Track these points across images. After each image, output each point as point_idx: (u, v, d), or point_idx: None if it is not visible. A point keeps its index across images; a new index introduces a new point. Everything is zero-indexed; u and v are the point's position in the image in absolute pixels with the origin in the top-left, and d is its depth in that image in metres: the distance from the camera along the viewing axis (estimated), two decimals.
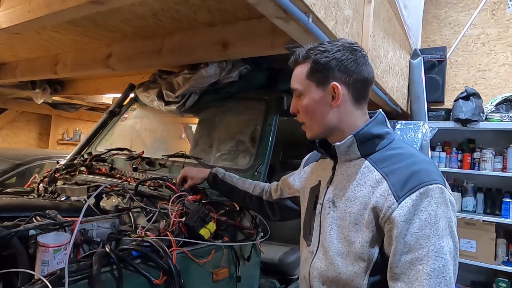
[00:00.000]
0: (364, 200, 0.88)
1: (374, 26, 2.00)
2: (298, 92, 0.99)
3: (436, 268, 0.76)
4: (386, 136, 0.95)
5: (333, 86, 0.93)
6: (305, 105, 0.97)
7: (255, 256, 1.52)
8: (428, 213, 0.79)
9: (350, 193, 0.92)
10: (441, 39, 4.02)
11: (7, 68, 3.18)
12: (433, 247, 0.77)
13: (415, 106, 3.29)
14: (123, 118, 2.42)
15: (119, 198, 1.56)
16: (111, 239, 1.14)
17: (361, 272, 0.87)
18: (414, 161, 0.88)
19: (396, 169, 0.87)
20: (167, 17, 1.78)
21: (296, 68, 1.00)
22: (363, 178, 0.91)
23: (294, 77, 1.00)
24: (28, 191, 1.97)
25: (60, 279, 0.85)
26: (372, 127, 0.94)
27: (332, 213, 0.95)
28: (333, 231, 0.93)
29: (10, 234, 0.95)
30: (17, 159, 3.15)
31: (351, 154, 0.95)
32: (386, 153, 0.93)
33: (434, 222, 0.78)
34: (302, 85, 0.97)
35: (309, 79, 0.96)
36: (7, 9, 1.63)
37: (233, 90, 2.00)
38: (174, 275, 1.02)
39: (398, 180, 0.84)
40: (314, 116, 0.97)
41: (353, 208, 0.90)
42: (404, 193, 0.81)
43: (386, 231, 0.83)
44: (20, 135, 5.66)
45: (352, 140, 0.93)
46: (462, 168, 3.40)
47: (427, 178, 0.82)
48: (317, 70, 0.95)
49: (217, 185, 1.46)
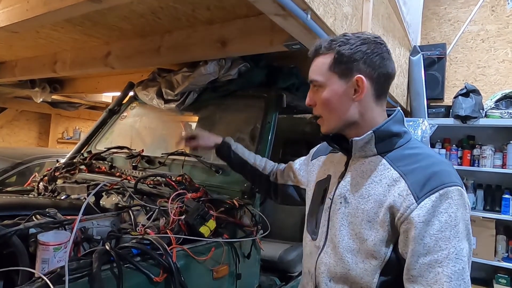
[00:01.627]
0: (379, 198, 0.87)
1: (373, 23, 2.00)
2: (318, 84, 0.95)
3: (456, 270, 0.76)
4: (403, 135, 0.94)
5: (357, 78, 0.91)
6: (325, 98, 0.94)
7: (255, 254, 1.52)
8: (449, 215, 0.78)
9: (364, 190, 0.90)
10: (441, 35, 4.01)
11: (6, 67, 3.18)
12: (454, 249, 0.77)
13: (414, 103, 3.29)
14: (122, 117, 2.42)
15: (119, 196, 1.56)
16: (111, 237, 1.15)
17: (371, 270, 0.86)
18: (433, 161, 0.86)
19: (415, 169, 0.85)
20: (166, 15, 1.77)
21: (316, 59, 0.96)
22: (378, 176, 0.89)
23: (315, 68, 0.96)
24: (28, 190, 1.97)
25: (61, 277, 0.85)
26: (391, 124, 0.93)
27: (343, 209, 0.93)
28: (343, 227, 0.92)
29: (10, 233, 0.95)
30: (17, 158, 3.15)
31: (367, 150, 0.93)
32: (403, 152, 0.91)
33: (454, 224, 0.78)
34: (324, 76, 0.94)
35: (332, 71, 0.93)
36: (5, 7, 1.62)
37: (232, 87, 2.00)
38: (174, 273, 1.02)
39: (417, 180, 0.82)
40: (333, 110, 0.94)
41: (367, 205, 0.88)
42: (423, 193, 0.80)
43: (403, 232, 0.82)
44: (20, 134, 5.66)
45: (371, 136, 0.91)
46: (462, 165, 3.41)
47: (447, 179, 0.81)
48: (341, 61, 0.92)
49: (229, 155, 1.39)
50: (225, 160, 1.43)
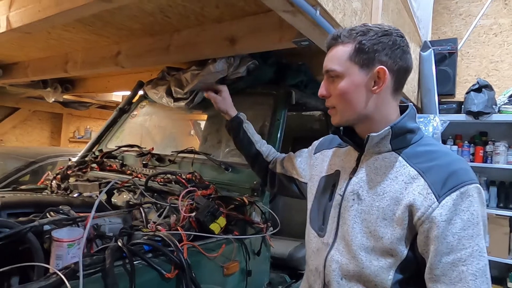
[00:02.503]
0: (396, 195, 0.85)
1: (383, 18, 1.97)
2: (336, 74, 0.91)
3: (480, 268, 0.76)
4: (417, 131, 0.93)
5: (379, 70, 0.88)
6: (343, 88, 0.91)
7: (265, 251, 1.52)
8: (470, 213, 0.78)
9: (379, 187, 0.88)
10: (452, 30, 3.94)
11: (18, 68, 3.23)
12: (477, 247, 0.77)
13: (425, 99, 3.25)
14: (132, 115, 2.45)
15: (130, 194, 1.58)
16: (123, 234, 1.16)
17: (386, 267, 0.84)
18: (451, 159, 0.85)
19: (433, 167, 0.84)
20: (175, 13, 1.78)
21: (334, 48, 0.92)
22: (394, 173, 0.88)
23: (332, 58, 0.92)
24: (42, 188, 2.01)
25: (75, 273, 0.87)
26: (407, 120, 0.91)
27: (356, 206, 0.91)
28: (356, 225, 0.90)
29: (25, 229, 0.97)
30: (30, 157, 3.21)
31: (382, 146, 0.91)
32: (417, 149, 0.90)
33: (476, 222, 0.78)
34: (343, 66, 0.90)
35: (352, 61, 0.89)
36: (18, 8, 1.65)
37: (241, 85, 2.00)
38: (185, 269, 1.03)
39: (437, 179, 0.81)
40: (350, 101, 0.91)
41: (382, 202, 0.87)
42: (444, 192, 0.79)
43: (423, 231, 0.81)
44: (33, 133, 5.76)
45: (388, 132, 0.89)
46: (474, 162, 3.35)
47: (466, 177, 0.81)
48: (362, 51, 0.88)
49: (238, 131, 1.38)
50: (233, 134, 1.40)
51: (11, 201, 1.30)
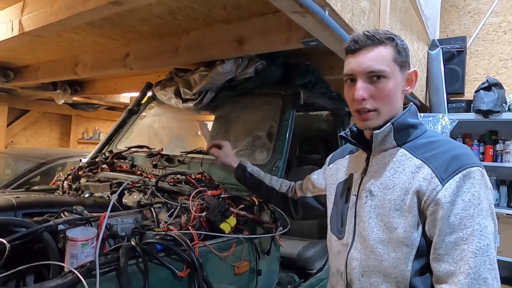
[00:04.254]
0: (405, 186, 0.89)
1: (391, 17, 1.97)
2: (384, 74, 0.91)
3: (481, 247, 0.78)
4: (419, 126, 0.97)
5: (415, 72, 0.96)
6: (391, 89, 0.92)
7: (275, 250, 1.53)
8: (472, 194, 0.81)
9: (389, 181, 0.92)
10: (460, 28, 3.91)
11: (29, 71, 3.29)
12: (478, 226, 0.79)
13: (434, 98, 3.22)
14: (141, 117, 2.47)
15: (141, 194, 1.60)
16: (135, 234, 1.18)
17: (404, 258, 0.86)
18: (452, 146, 0.89)
19: (436, 154, 0.88)
20: (183, 15, 1.80)
21: (374, 49, 0.92)
22: (401, 166, 0.92)
23: (377, 58, 0.91)
24: (53, 188, 2.04)
25: (90, 271, 0.88)
26: (407, 116, 0.96)
27: (370, 202, 0.95)
28: (371, 220, 0.93)
29: (41, 229, 0.99)
30: (41, 158, 3.26)
31: (387, 143, 0.96)
32: (420, 141, 0.94)
33: (477, 202, 0.80)
34: (389, 67, 0.92)
35: (395, 62, 0.92)
36: (30, 12, 1.68)
37: (250, 86, 2.01)
38: (197, 268, 1.04)
39: (440, 164, 0.85)
40: (394, 102, 0.94)
41: (393, 195, 0.90)
42: (447, 175, 0.83)
43: (430, 214, 0.84)
44: (43, 135, 5.84)
45: (390, 128, 0.94)
46: (484, 161, 3.31)
47: (468, 161, 0.84)
48: (400, 53, 0.94)
49: (245, 177, 1.44)
50: (242, 180, 1.48)
51: (26, 201, 1.32)
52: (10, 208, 1.24)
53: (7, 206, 1.24)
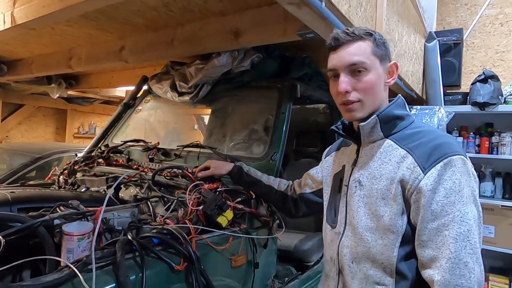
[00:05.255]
0: (390, 175, 0.92)
1: (388, 9, 1.96)
2: (364, 66, 0.96)
3: (461, 232, 0.81)
4: (406, 117, 1.01)
5: (394, 64, 1.01)
6: (372, 81, 0.96)
7: (272, 244, 1.53)
8: (453, 181, 0.83)
9: (376, 171, 0.96)
10: (457, 20, 3.89)
11: (23, 64, 3.25)
12: (458, 213, 0.82)
13: (430, 90, 3.22)
14: (137, 110, 2.45)
15: (137, 188, 1.59)
16: (131, 228, 1.18)
17: (390, 244, 0.91)
18: (435, 136, 0.92)
19: (419, 144, 0.91)
20: (178, 8, 1.77)
21: (354, 43, 0.97)
22: (387, 156, 0.95)
23: (356, 51, 0.96)
24: (49, 183, 2.03)
25: (86, 265, 0.88)
26: (393, 108, 0.99)
27: (359, 192, 0.99)
28: (360, 209, 0.97)
29: (36, 224, 0.99)
30: (36, 153, 3.23)
31: (375, 134, 1.00)
32: (406, 132, 0.98)
33: (458, 189, 0.83)
34: (369, 59, 0.96)
35: (375, 55, 0.97)
36: (22, 4, 1.65)
37: (246, 79, 2.00)
38: (194, 262, 1.04)
39: (422, 153, 0.89)
40: (376, 94, 0.98)
41: (380, 184, 0.94)
42: (429, 164, 0.86)
43: (413, 202, 0.88)
44: (38, 129, 5.79)
45: (375, 120, 0.98)
46: (480, 153, 3.33)
47: (449, 150, 0.87)
48: (379, 47, 0.98)
49: (242, 178, 1.46)
50: (239, 182, 1.48)
51: (21, 196, 1.31)
52: (5, 203, 1.23)
53: (2, 201, 1.23)
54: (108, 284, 0.87)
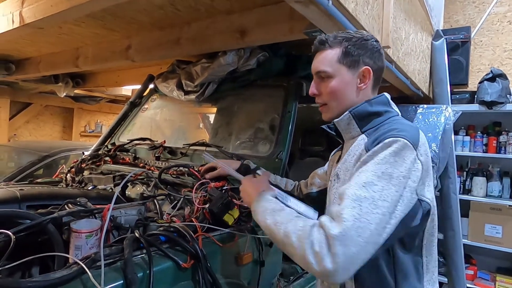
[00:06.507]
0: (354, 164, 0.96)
1: (395, 7, 1.94)
2: (326, 75, 1.04)
3: (358, 194, 0.80)
4: (384, 113, 1.03)
5: (365, 69, 1.03)
6: (334, 87, 1.03)
7: None
8: (382, 157, 0.85)
9: (348, 164, 1.00)
10: (465, 18, 3.86)
11: (30, 63, 3.27)
12: (364, 178, 0.83)
13: (437, 89, 3.19)
14: (143, 109, 2.47)
15: (144, 186, 1.61)
16: (139, 225, 1.18)
17: None
18: (395, 124, 0.95)
19: (377, 132, 0.96)
20: (185, 6, 1.78)
21: (323, 52, 1.05)
22: (358, 149, 0.98)
23: (323, 60, 1.05)
24: (57, 181, 2.05)
25: (94, 262, 0.89)
26: (369, 105, 1.03)
27: (336, 185, 1.05)
28: (336, 200, 1.02)
29: (46, 221, 1.00)
30: (44, 151, 3.27)
31: (352, 131, 1.04)
32: (381, 127, 0.99)
33: (379, 162, 0.85)
34: (333, 67, 1.03)
35: (341, 63, 1.02)
36: (30, 4, 1.67)
37: (252, 77, 2.00)
38: (201, 259, 1.05)
39: (373, 138, 0.93)
40: (340, 98, 1.04)
41: (348, 175, 0.98)
42: (373, 145, 0.90)
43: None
44: (45, 128, 5.85)
45: (348, 116, 1.02)
46: (488, 152, 3.29)
47: (394, 133, 0.89)
48: (349, 54, 1.02)
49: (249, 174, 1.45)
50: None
51: (30, 194, 1.33)
52: (15, 201, 1.25)
53: (11, 198, 1.25)
54: (116, 280, 0.87)
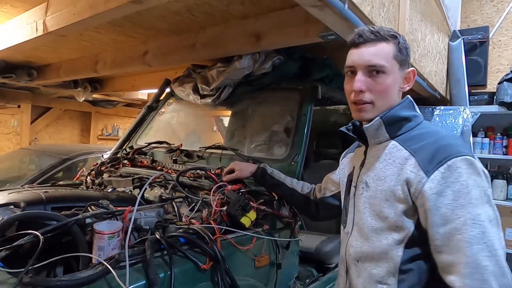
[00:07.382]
0: (394, 177, 0.92)
1: (411, 8, 1.93)
2: (383, 69, 0.95)
3: (474, 235, 0.78)
4: (413, 118, 0.99)
5: (412, 71, 1.01)
6: (388, 84, 0.97)
7: (294, 245, 1.54)
8: (460, 183, 0.82)
9: (381, 172, 0.96)
10: (482, 18, 3.78)
11: (51, 69, 3.38)
12: (469, 215, 0.80)
13: (455, 90, 3.14)
14: (160, 113, 2.51)
15: (162, 189, 1.64)
16: (158, 227, 1.21)
17: (394, 244, 0.91)
18: (439, 136, 0.91)
19: (422, 146, 0.90)
20: (201, 12, 1.81)
21: (377, 44, 0.96)
22: (392, 157, 0.95)
23: (378, 53, 0.95)
24: (77, 183, 2.11)
25: (118, 263, 0.92)
26: (399, 110, 0.98)
27: (365, 193, 1.00)
28: (366, 210, 0.99)
29: (71, 222, 1.03)
30: (63, 154, 3.36)
31: (380, 136, 1.00)
32: (412, 133, 0.97)
33: (466, 192, 0.81)
34: (389, 63, 0.96)
35: (395, 59, 0.97)
36: (54, 13, 1.73)
37: (267, 81, 2.01)
38: (220, 261, 1.06)
39: (425, 155, 0.87)
40: (389, 97, 0.98)
41: (384, 185, 0.94)
42: (432, 167, 0.85)
43: (419, 206, 0.87)
44: (64, 131, 6.01)
45: (379, 122, 0.98)
46: (508, 154, 3.22)
47: (453, 151, 0.85)
48: (401, 52, 0.98)
49: (265, 179, 1.47)
50: (263, 183, 1.49)
51: (54, 196, 1.37)
52: (40, 202, 1.29)
53: (37, 200, 1.29)
54: (139, 281, 0.90)
